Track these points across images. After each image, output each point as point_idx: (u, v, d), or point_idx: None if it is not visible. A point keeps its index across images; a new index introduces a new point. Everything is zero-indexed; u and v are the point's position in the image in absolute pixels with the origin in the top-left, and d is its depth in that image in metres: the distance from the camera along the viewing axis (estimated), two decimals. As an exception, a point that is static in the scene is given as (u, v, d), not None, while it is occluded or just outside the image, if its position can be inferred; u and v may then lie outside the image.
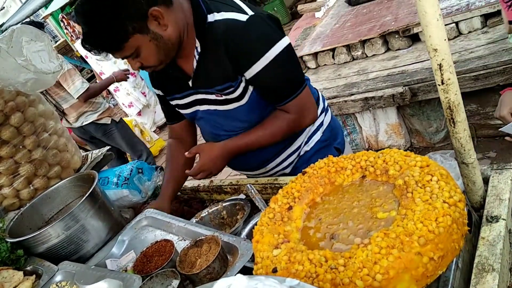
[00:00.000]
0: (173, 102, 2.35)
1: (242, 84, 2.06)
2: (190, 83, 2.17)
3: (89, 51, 1.92)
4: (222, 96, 2.11)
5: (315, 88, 2.46)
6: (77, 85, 5.03)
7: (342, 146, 2.48)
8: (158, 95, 2.47)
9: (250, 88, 2.09)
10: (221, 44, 1.96)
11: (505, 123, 2.20)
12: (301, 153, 2.38)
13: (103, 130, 5.48)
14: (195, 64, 2.08)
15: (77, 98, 5.07)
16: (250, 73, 1.99)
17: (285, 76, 2.05)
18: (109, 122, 5.48)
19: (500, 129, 2.16)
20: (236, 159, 2.31)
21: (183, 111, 2.36)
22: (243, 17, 1.93)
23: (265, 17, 1.99)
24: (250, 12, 1.95)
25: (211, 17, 1.97)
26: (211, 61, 2.04)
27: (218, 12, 1.97)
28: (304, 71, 5.43)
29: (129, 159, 6.23)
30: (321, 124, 2.39)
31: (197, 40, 2.03)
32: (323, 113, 2.41)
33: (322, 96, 2.50)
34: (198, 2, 2.00)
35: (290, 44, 2.03)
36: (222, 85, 2.07)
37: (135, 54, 1.94)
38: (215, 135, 2.33)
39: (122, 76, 5.66)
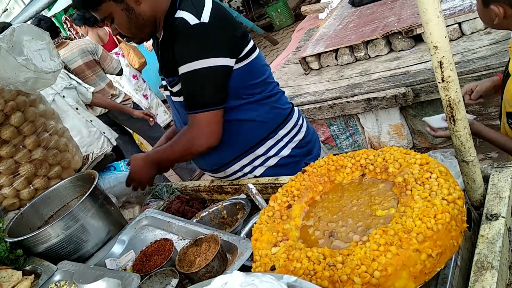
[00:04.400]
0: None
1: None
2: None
3: (77, 8, 2.24)
4: (171, 88, 2.28)
5: (290, 103, 2.51)
6: (114, 64, 5.64)
7: (315, 160, 2.49)
8: None
9: None
10: (171, 39, 2.11)
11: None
12: (269, 164, 2.41)
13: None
14: (159, 53, 2.27)
15: (116, 74, 5.73)
16: (180, 70, 2.10)
17: (198, 91, 2.12)
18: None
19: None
20: (198, 160, 2.53)
21: (165, 93, 2.47)
22: (193, 21, 2.02)
23: (214, 30, 2.05)
24: (205, 19, 2.02)
25: (177, 14, 2.08)
26: (166, 53, 2.19)
27: (181, 10, 2.07)
28: (307, 72, 5.49)
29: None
30: (291, 140, 2.42)
31: (162, 31, 2.19)
32: (292, 131, 2.44)
33: (299, 113, 2.55)
34: None
35: (220, 66, 2.07)
36: (171, 77, 2.22)
37: (109, 19, 2.13)
38: (181, 124, 2.45)
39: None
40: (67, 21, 8.86)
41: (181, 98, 2.25)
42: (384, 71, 4.66)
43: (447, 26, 3.99)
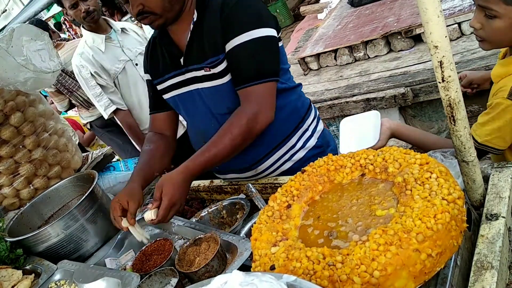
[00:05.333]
0: (165, 84, 2.29)
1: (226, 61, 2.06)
2: (181, 61, 2.17)
3: None
4: (210, 70, 2.08)
5: (308, 98, 2.47)
6: None
7: (335, 152, 2.48)
8: (147, 81, 2.43)
9: None
10: (217, 13, 2.01)
11: None
12: (296, 158, 2.36)
13: None
14: (188, 37, 2.09)
15: None
16: (230, 45, 1.99)
17: (258, 60, 2.01)
18: None
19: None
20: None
21: (175, 92, 2.27)
22: None
23: (263, 5, 2.06)
24: None
25: None
26: (204, 31, 2.06)
27: None
28: (306, 73, 5.49)
29: None
30: (315, 130, 2.41)
31: (195, 11, 2.08)
32: (315, 120, 2.42)
33: (314, 106, 2.52)
34: None
35: (274, 37, 2.04)
36: (211, 58, 2.06)
37: None
38: (206, 123, 2.26)
39: None
40: (66, 22, 8.86)
41: (221, 81, 2.08)
42: (383, 71, 4.66)
43: (446, 26, 3.99)
